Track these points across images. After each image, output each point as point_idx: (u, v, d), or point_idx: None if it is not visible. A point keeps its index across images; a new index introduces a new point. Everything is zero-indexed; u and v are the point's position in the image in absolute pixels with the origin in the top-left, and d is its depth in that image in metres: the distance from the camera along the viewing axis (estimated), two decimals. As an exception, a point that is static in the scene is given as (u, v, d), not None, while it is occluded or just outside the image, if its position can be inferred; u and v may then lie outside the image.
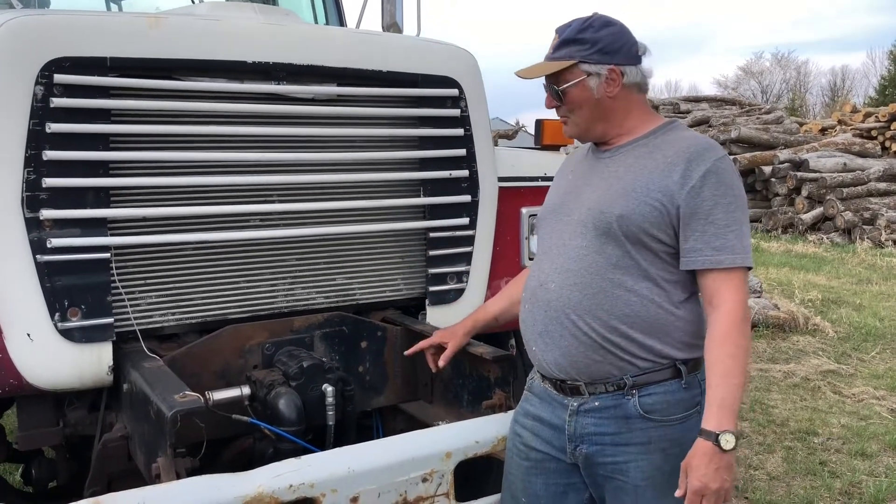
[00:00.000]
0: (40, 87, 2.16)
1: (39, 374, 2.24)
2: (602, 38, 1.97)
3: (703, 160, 1.90)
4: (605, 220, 1.93)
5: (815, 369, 6.06)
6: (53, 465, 2.58)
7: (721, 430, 1.80)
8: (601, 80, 1.97)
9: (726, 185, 1.90)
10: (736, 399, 1.84)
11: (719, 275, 1.89)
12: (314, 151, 2.61)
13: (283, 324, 2.57)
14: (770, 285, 9.10)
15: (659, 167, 1.94)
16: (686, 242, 1.91)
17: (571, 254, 1.98)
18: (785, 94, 40.55)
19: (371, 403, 2.74)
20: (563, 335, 1.98)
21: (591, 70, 1.97)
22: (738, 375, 1.85)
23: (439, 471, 2.08)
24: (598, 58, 1.97)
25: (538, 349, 2.05)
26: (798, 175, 14.13)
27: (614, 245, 1.93)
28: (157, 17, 2.34)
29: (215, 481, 1.85)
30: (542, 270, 2.06)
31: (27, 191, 2.17)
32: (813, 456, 4.41)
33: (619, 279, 1.93)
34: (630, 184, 1.95)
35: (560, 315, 1.98)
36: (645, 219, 1.90)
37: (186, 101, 2.38)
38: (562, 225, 2.05)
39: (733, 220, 1.89)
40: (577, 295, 1.95)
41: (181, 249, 2.45)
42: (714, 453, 1.80)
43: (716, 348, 1.87)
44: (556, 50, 2.01)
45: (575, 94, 2.00)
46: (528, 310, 2.08)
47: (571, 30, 1.99)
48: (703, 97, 19.84)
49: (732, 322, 1.87)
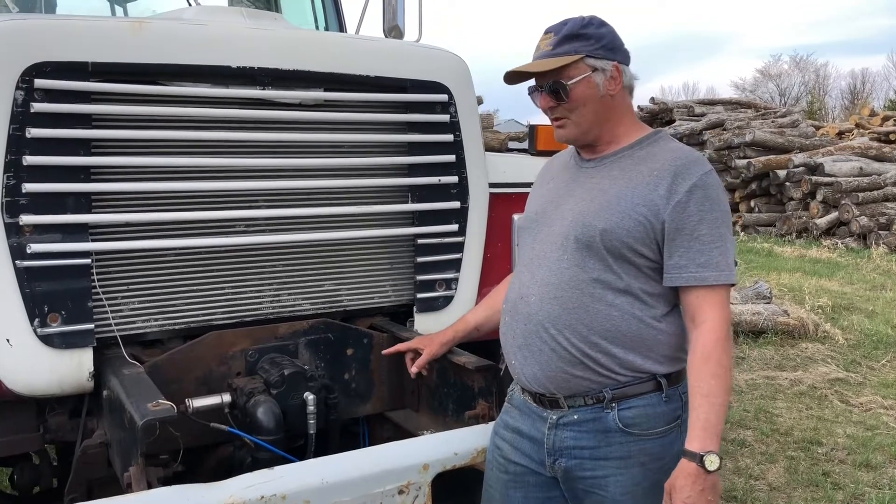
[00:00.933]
0: (20, 91, 2.15)
1: (19, 380, 2.23)
2: (605, 35, 1.95)
3: (690, 174, 1.87)
4: (587, 234, 1.89)
5: (823, 377, 5.98)
6: (38, 470, 2.58)
7: (705, 450, 1.77)
8: (606, 77, 1.93)
9: (712, 200, 1.86)
10: (720, 419, 1.82)
11: (703, 292, 1.86)
12: (301, 156, 2.59)
13: (267, 330, 2.55)
14: (781, 291, 8.99)
15: (644, 180, 1.90)
16: (670, 258, 1.87)
17: (552, 266, 1.95)
18: (803, 96, 40.20)
19: (357, 411, 2.71)
20: (542, 349, 1.94)
21: (598, 65, 1.93)
22: (721, 395, 1.82)
23: (416, 482, 2.05)
24: (603, 53, 1.93)
25: (517, 362, 2.02)
26: (813, 179, 13.98)
27: (596, 259, 1.89)
28: (141, 22, 2.32)
29: (185, 492, 1.83)
30: (523, 283, 2.02)
31: (6, 196, 2.16)
32: (816, 466, 4.34)
33: (600, 293, 1.89)
34: (614, 197, 1.91)
35: (539, 329, 1.95)
36: (629, 234, 1.87)
37: (169, 106, 2.36)
38: (543, 236, 2.01)
39: (718, 235, 1.86)
40: (557, 309, 1.92)
41: (164, 255, 2.44)
42: (699, 474, 1.77)
43: (699, 368, 1.84)
44: (557, 46, 1.93)
45: (580, 91, 1.93)
46: (508, 322, 2.05)
47: (571, 26, 1.94)
48: (719, 100, 19.67)
49: (716, 340, 1.84)
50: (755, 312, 7.11)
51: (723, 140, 15.79)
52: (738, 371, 6.11)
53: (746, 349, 6.71)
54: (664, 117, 18.20)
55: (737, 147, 15.53)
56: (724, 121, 16.70)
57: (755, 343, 6.89)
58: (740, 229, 15.40)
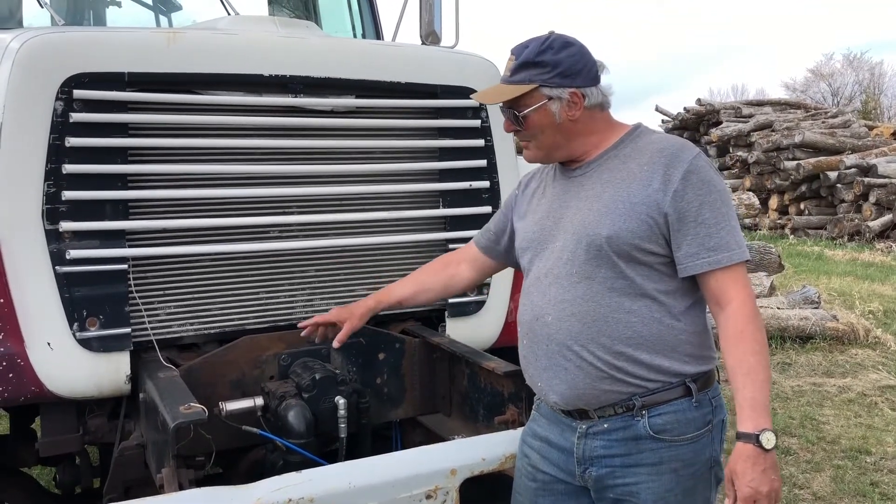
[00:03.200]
0: (60, 102, 2.22)
1: (59, 382, 2.30)
2: (562, 61, 1.89)
3: (680, 161, 1.85)
4: (594, 244, 1.87)
5: (873, 384, 5.81)
6: (78, 470, 2.65)
7: (759, 429, 1.76)
8: (562, 104, 1.90)
9: (708, 182, 1.85)
10: (766, 395, 1.80)
11: (720, 274, 1.84)
12: (333, 163, 2.62)
13: (299, 335, 2.58)
14: (831, 295, 8.77)
15: (636, 177, 1.88)
16: (679, 249, 1.85)
17: (564, 282, 1.92)
18: (857, 96, 39.15)
19: (388, 416, 2.73)
20: (568, 368, 1.92)
21: (553, 94, 1.89)
22: (762, 371, 1.80)
23: (444, 487, 2.05)
24: (558, 81, 1.89)
25: (543, 384, 2.00)
26: (866, 181, 13.63)
27: (607, 267, 1.87)
28: (175, 33, 2.38)
29: (215, 493, 1.87)
30: (535, 303, 1.99)
31: (47, 203, 2.23)
32: (864, 476, 4.22)
33: (617, 301, 1.87)
34: (611, 200, 1.89)
35: (562, 348, 1.92)
36: (634, 234, 1.85)
37: (204, 115, 2.42)
38: (546, 253, 1.99)
39: (721, 216, 1.84)
40: (577, 325, 1.90)
41: (199, 261, 2.49)
42: (758, 455, 1.76)
43: (734, 348, 1.83)
44: (514, 73, 1.92)
45: (535, 120, 1.92)
46: (528, 346, 2.03)
47: (529, 51, 1.90)
48: (767, 101, 19.30)
49: (746, 317, 1.83)
50: (803, 317, 6.94)
51: (771, 142, 15.49)
52: (783, 377, 5.97)
53: (793, 355, 6.56)
54: (710, 119, 17.93)
55: (786, 148, 15.22)
56: (772, 122, 16.38)
57: (802, 349, 6.73)
58: (789, 232, 15.08)
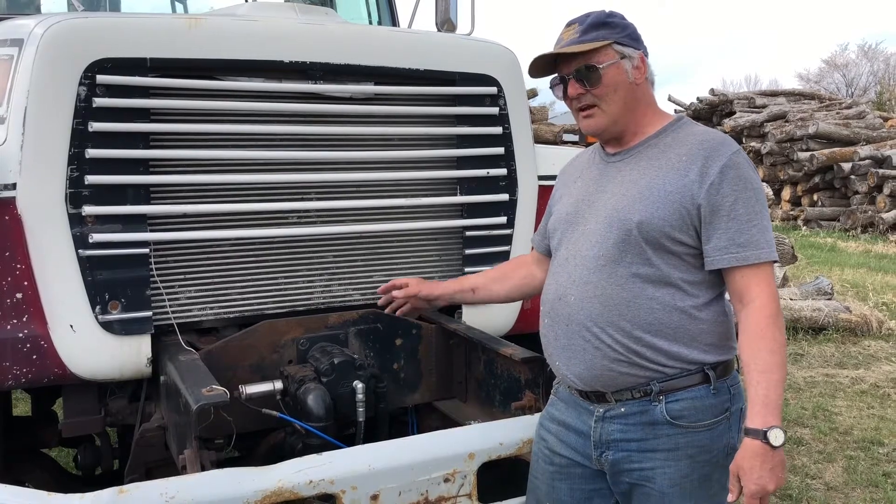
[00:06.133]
0: (83, 87, 2.24)
1: (81, 364, 2.33)
2: (629, 26, 1.99)
3: (720, 155, 1.86)
4: (624, 228, 1.89)
5: (886, 376, 5.81)
6: (99, 452, 2.68)
7: (768, 426, 1.76)
8: (633, 65, 1.95)
9: (745, 179, 1.85)
10: (779, 395, 1.81)
11: (746, 271, 1.85)
12: (351, 150, 2.63)
13: (318, 320, 2.60)
14: (844, 287, 8.74)
15: (674, 167, 1.89)
16: (709, 242, 1.86)
17: (590, 264, 1.94)
18: (872, 87, 38.79)
19: (405, 401, 2.75)
20: (586, 348, 1.94)
21: (626, 52, 1.95)
22: (778, 370, 1.81)
23: (462, 471, 2.07)
24: (629, 41, 1.96)
25: (561, 364, 2.02)
26: (880, 172, 13.53)
27: (634, 253, 1.89)
28: (196, 19, 2.39)
29: (237, 475, 1.89)
30: (560, 283, 2.01)
31: (70, 187, 2.25)
32: (876, 467, 4.22)
33: (640, 287, 1.89)
34: (646, 187, 1.90)
35: (581, 328, 1.94)
36: (666, 222, 1.86)
37: (225, 101, 2.43)
38: (577, 235, 2.01)
39: (755, 214, 1.85)
40: (598, 307, 1.91)
41: (219, 245, 2.51)
42: (765, 452, 1.76)
43: (752, 345, 1.83)
44: (584, 34, 1.95)
45: (611, 75, 1.94)
46: (549, 324, 2.05)
47: (596, 16, 1.97)
48: (781, 91, 19.16)
49: (767, 317, 1.83)
50: (815, 309, 6.93)
51: (785, 132, 15.39)
52: (796, 368, 5.97)
53: (806, 346, 6.55)
54: (724, 109, 17.82)
55: (799, 139, 15.11)
56: (786, 112, 16.27)
57: (815, 340, 6.72)
58: (802, 223, 15.00)
